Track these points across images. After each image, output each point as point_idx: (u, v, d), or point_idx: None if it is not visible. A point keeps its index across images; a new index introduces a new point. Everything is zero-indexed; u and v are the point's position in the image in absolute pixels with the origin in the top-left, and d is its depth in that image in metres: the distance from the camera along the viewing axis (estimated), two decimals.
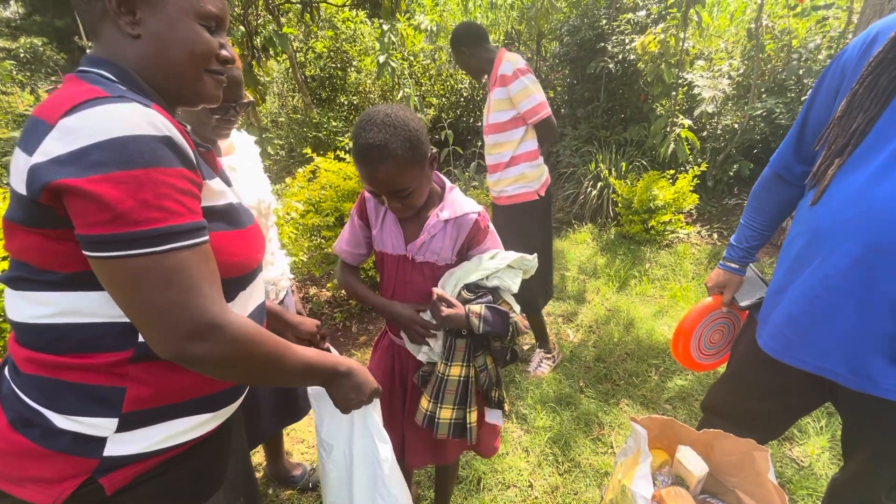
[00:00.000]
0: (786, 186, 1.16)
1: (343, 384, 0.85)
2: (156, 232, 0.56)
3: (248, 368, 0.67)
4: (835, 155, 0.92)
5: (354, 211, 1.20)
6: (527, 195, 2.09)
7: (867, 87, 0.87)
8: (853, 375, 0.94)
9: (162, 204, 0.56)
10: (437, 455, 1.30)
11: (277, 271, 1.37)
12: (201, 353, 0.59)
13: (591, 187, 4.26)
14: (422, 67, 5.89)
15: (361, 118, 0.98)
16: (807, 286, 0.97)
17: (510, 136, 2.04)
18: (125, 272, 0.56)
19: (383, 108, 0.99)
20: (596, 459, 1.83)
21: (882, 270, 0.86)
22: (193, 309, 0.58)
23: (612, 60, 4.35)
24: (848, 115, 0.90)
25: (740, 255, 1.26)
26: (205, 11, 0.67)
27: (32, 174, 0.55)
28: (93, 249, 0.56)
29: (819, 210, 0.95)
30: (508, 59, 1.96)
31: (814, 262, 0.96)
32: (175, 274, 0.57)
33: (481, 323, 1.05)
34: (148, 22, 0.65)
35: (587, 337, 2.68)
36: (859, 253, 0.87)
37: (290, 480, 1.76)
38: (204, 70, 0.70)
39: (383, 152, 0.95)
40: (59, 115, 0.55)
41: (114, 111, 0.56)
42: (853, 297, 0.90)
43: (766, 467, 1.04)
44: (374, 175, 0.98)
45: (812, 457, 1.82)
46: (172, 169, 0.58)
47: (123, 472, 0.66)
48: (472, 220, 1.11)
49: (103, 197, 0.53)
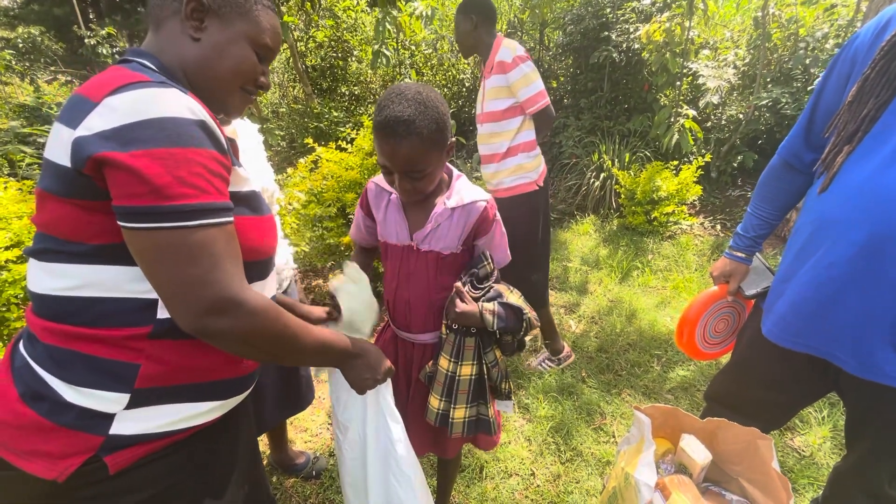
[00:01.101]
0: (794, 174, 1.15)
1: (357, 364, 0.88)
2: (187, 207, 0.59)
3: (266, 344, 0.69)
4: (844, 142, 0.91)
5: (360, 202, 1.21)
6: (526, 186, 2.03)
7: (879, 73, 0.85)
8: (858, 362, 0.94)
9: (195, 182, 0.60)
10: (439, 446, 1.30)
11: (281, 260, 1.36)
12: (222, 327, 0.62)
13: (594, 178, 4.24)
14: (423, 57, 5.83)
15: (391, 90, 0.96)
16: (813, 273, 0.96)
17: (507, 125, 1.98)
18: (155, 244, 0.59)
19: (414, 84, 0.97)
20: (598, 448, 1.84)
21: (889, 258, 0.85)
22: (215, 284, 0.61)
23: (616, 50, 4.30)
24: (859, 101, 0.89)
25: (746, 244, 1.25)
26: (262, 42, 0.78)
27: (77, 146, 0.58)
28: (128, 220, 0.59)
29: (827, 198, 0.94)
30: (507, 45, 1.91)
31: (820, 250, 0.95)
32: (200, 249, 0.60)
33: (495, 319, 1.04)
34: (211, 31, 0.74)
35: (589, 328, 2.68)
36: (866, 240, 0.86)
37: (294, 468, 1.77)
38: (240, 86, 0.78)
39: (409, 128, 0.92)
40: (105, 93, 0.60)
41: (156, 94, 0.60)
42: (859, 284, 0.89)
43: (770, 456, 1.04)
44: (396, 149, 0.95)
45: (814, 446, 1.83)
46: (206, 150, 0.62)
47: (128, 452, 0.67)
48: (480, 209, 1.09)
49: (142, 171, 0.57)
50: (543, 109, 1.95)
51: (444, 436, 1.20)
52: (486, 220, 1.10)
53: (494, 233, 1.14)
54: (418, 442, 1.26)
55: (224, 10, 0.74)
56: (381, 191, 1.15)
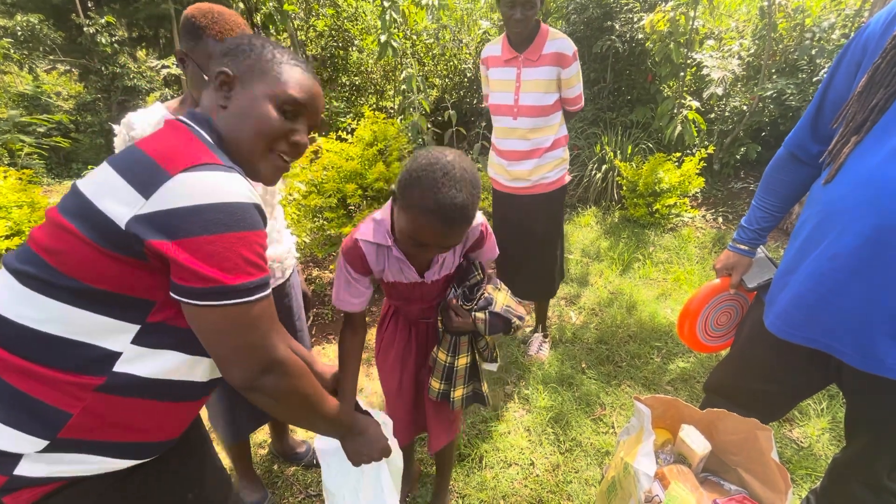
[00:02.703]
0: (800, 166, 1.14)
1: (357, 440, 0.94)
2: (251, 284, 0.66)
3: (296, 402, 0.76)
4: (852, 132, 0.90)
5: (350, 267, 1.07)
6: (564, 178, 2.06)
7: (889, 63, 0.84)
8: (859, 354, 0.94)
9: (255, 260, 0.66)
10: (451, 431, 1.38)
11: (283, 249, 1.36)
12: (270, 384, 0.70)
13: (596, 170, 4.21)
14: (425, 47, 5.78)
15: (434, 169, 0.87)
16: (816, 265, 0.96)
17: (552, 119, 1.92)
18: (223, 318, 0.65)
19: (455, 159, 0.90)
20: (597, 439, 1.85)
21: (892, 251, 0.84)
22: (270, 347, 0.69)
23: (620, 40, 4.25)
24: (868, 91, 0.87)
25: (750, 236, 1.24)
26: (285, 97, 0.76)
27: (147, 223, 0.61)
28: (193, 298, 0.63)
29: (832, 189, 0.93)
30: (562, 36, 1.83)
31: (824, 242, 0.94)
32: (259, 319, 0.67)
33: (486, 327, 1.15)
34: (237, 97, 0.75)
35: (590, 319, 2.68)
36: (872, 231, 0.86)
37: (295, 457, 1.78)
38: (267, 149, 0.77)
39: (464, 213, 0.89)
40: (180, 168, 0.62)
41: (226, 179, 0.65)
42: (862, 276, 0.89)
43: (770, 446, 1.05)
44: (448, 235, 0.92)
45: (812, 438, 1.84)
46: (261, 231, 0.69)
47: (30, 491, 0.66)
48: (477, 234, 1.14)
49: (211, 255, 0.62)
50: (579, 110, 2.03)
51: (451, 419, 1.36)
52: (482, 237, 1.16)
53: (485, 243, 1.19)
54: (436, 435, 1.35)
55: (246, 74, 0.75)
56: (378, 247, 1.06)
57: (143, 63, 7.69)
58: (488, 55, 1.99)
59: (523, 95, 1.88)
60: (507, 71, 1.91)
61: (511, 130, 1.96)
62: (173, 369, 0.71)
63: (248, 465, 1.60)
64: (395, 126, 3.06)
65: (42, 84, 7.10)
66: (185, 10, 1.06)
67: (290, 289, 1.42)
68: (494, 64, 1.96)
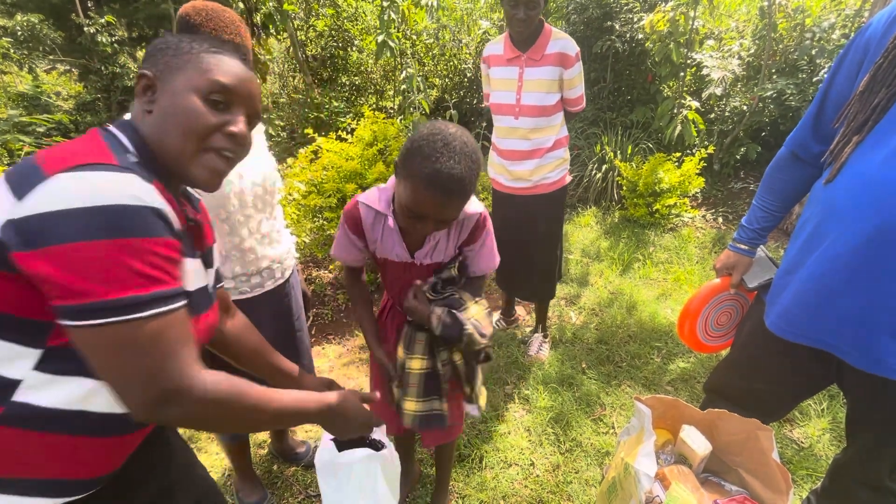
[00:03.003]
0: (801, 166, 1.13)
1: (337, 418, 0.84)
2: (139, 299, 0.56)
3: (230, 421, 0.68)
4: (853, 132, 0.90)
5: (346, 225, 1.13)
6: (565, 178, 2.06)
7: (891, 62, 0.84)
8: (860, 354, 0.94)
9: (149, 272, 0.57)
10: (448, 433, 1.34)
11: (283, 249, 1.35)
12: (174, 415, 0.60)
13: (596, 170, 4.21)
14: (425, 47, 5.77)
15: (435, 140, 0.89)
16: (817, 265, 0.96)
17: (553, 120, 1.93)
18: (105, 339, 0.56)
19: (457, 132, 0.91)
20: (597, 439, 1.85)
21: (893, 250, 0.84)
22: (166, 374, 0.58)
23: (620, 40, 4.25)
24: (870, 91, 0.87)
25: (750, 236, 1.24)
26: (210, 84, 0.67)
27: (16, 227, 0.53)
28: (72, 318, 0.54)
29: (833, 189, 0.93)
30: (564, 37, 1.83)
31: (826, 241, 0.94)
32: (152, 340, 0.57)
33: (439, 325, 1.07)
34: (160, 99, 0.67)
35: (590, 319, 2.68)
36: (872, 232, 0.86)
37: (295, 457, 1.78)
38: (199, 147, 0.68)
39: (461, 185, 0.89)
40: (59, 168, 0.54)
41: (112, 179, 0.56)
42: (863, 276, 0.89)
43: (771, 447, 1.05)
44: (445, 206, 0.91)
45: (813, 438, 1.83)
46: (160, 238, 0.58)
47: None
48: (475, 218, 1.10)
49: (82, 266, 0.53)
50: (580, 111, 2.02)
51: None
52: (480, 228, 1.12)
53: (484, 241, 1.15)
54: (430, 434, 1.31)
55: (165, 72, 0.67)
56: (376, 213, 1.09)
57: None
58: (490, 54, 1.98)
59: (525, 95, 1.88)
60: (510, 70, 1.90)
61: (512, 130, 1.95)
62: (82, 398, 0.63)
63: (248, 465, 1.59)
64: (395, 126, 3.05)
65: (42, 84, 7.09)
66: (180, 8, 1.05)
67: (290, 289, 1.42)
68: (496, 63, 1.95)
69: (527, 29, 1.80)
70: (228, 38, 1.03)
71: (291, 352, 1.46)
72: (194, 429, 0.66)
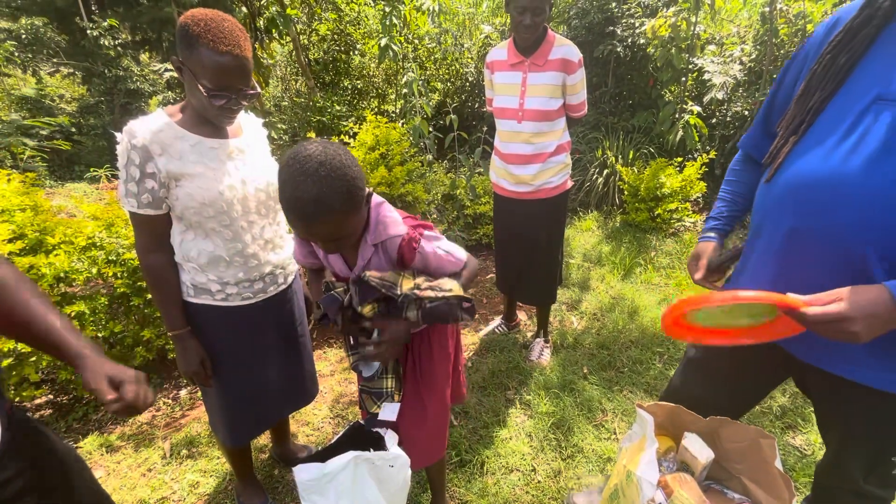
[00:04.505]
0: (754, 166, 1.16)
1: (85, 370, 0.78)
2: None
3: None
4: (790, 133, 0.92)
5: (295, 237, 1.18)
6: (567, 182, 2.08)
7: (825, 67, 0.87)
8: (807, 348, 0.95)
9: None
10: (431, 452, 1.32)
11: (286, 254, 1.36)
12: None
13: (598, 174, 4.22)
14: (427, 51, 5.80)
15: (290, 162, 0.88)
16: (753, 266, 1.00)
17: (556, 125, 1.94)
18: None
19: (315, 152, 0.88)
20: (599, 445, 1.84)
21: (807, 249, 0.86)
22: None
23: (621, 45, 4.27)
24: (806, 94, 0.90)
25: (713, 224, 1.24)
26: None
27: None
28: None
29: (770, 189, 0.95)
30: (568, 43, 1.85)
31: (763, 241, 0.97)
32: None
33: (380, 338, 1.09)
34: None
35: (591, 324, 2.67)
36: (790, 232, 0.88)
37: (296, 462, 1.78)
38: None
39: (319, 206, 0.87)
40: None
41: None
42: (786, 272, 0.90)
43: (773, 455, 1.04)
44: (310, 228, 0.92)
45: (815, 445, 1.83)
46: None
47: None
48: (396, 245, 1.07)
49: None
50: (583, 116, 2.03)
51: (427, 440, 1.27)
52: (409, 249, 1.08)
53: (426, 259, 1.11)
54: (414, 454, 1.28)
55: None
56: None
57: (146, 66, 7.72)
58: (493, 59, 2.00)
59: (528, 99, 1.90)
60: (513, 75, 1.92)
61: (515, 134, 1.97)
62: None
63: (249, 470, 1.59)
64: (396, 130, 3.06)
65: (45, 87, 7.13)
66: (181, 16, 1.04)
67: (293, 294, 1.42)
68: (500, 68, 1.97)
69: (533, 35, 1.82)
70: (226, 51, 1.01)
71: (294, 357, 1.46)
72: None
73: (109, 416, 2.04)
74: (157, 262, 1.17)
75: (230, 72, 1.03)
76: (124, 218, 2.07)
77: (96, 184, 5.69)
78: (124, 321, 2.05)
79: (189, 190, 1.10)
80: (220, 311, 1.24)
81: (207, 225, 1.15)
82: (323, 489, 1.04)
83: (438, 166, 4.43)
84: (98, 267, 1.91)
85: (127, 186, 1.09)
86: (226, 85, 1.04)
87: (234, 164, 1.18)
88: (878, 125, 0.77)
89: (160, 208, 1.12)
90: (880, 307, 0.74)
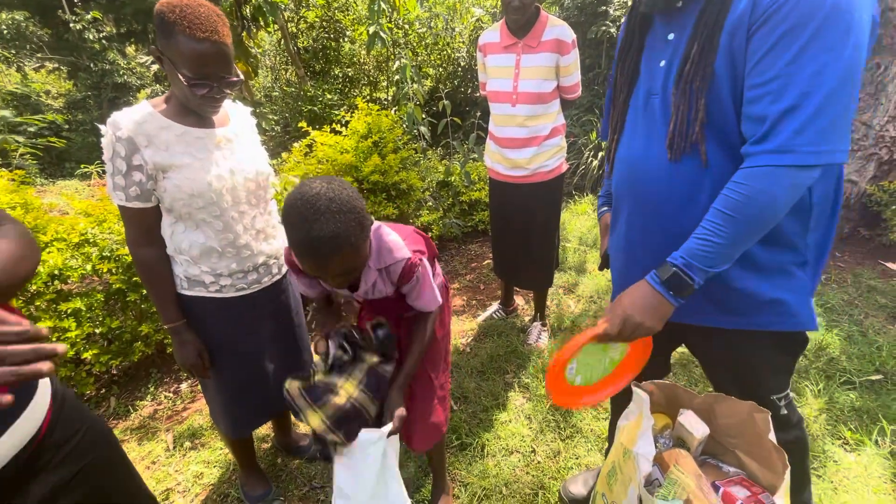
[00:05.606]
0: None
1: None
2: None
3: None
4: (614, 132, 1.07)
5: (293, 272, 1.17)
6: (563, 166, 2.06)
7: (619, 72, 1.04)
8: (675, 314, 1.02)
9: None
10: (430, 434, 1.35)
11: (278, 244, 1.35)
12: None
13: (592, 157, 4.20)
14: (417, 36, 5.71)
15: (301, 204, 0.86)
16: (613, 248, 1.15)
17: (550, 107, 1.92)
18: None
19: (321, 189, 0.88)
20: (597, 425, 1.87)
21: (640, 219, 1.01)
22: None
23: (615, 25, 4.21)
24: (616, 96, 1.06)
25: (605, 200, 1.29)
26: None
27: None
28: None
29: (613, 178, 1.10)
30: (561, 23, 1.82)
31: (614, 226, 1.13)
32: None
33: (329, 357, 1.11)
34: None
35: (588, 307, 2.69)
36: (627, 212, 1.04)
37: (298, 451, 1.80)
38: None
39: (337, 242, 0.87)
40: None
41: None
42: (628, 255, 1.07)
43: (767, 429, 1.06)
44: (328, 266, 0.90)
45: (809, 418, 1.86)
46: None
47: None
48: (400, 268, 1.09)
49: None
50: (577, 98, 2.01)
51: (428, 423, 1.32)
52: (408, 271, 1.10)
53: (418, 284, 1.13)
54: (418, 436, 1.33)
55: None
56: None
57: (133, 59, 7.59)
58: (486, 42, 1.97)
59: (522, 82, 1.87)
60: (506, 57, 1.89)
61: (510, 118, 1.94)
62: None
63: (252, 459, 1.61)
64: (389, 117, 3.03)
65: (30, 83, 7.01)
66: (157, 4, 1.00)
67: (287, 284, 1.42)
68: (492, 51, 1.94)
69: (523, 16, 1.79)
70: (203, 37, 0.98)
71: (292, 347, 1.46)
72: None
73: (111, 411, 2.05)
74: (148, 255, 1.16)
75: (209, 58, 1.01)
76: (116, 214, 2.05)
77: (87, 180, 5.64)
78: (121, 317, 2.05)
79: (177, 181, 1.09)
80: (215, 302, 1.24)
81: (197, 216, 1.14)
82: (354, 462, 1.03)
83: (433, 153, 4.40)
84: (92, 263, 1.90)
85: (114, 180, 1.07)
86: (206, 73, 1.03)
87: (222, 154, 1.16)
88: (650, 112, 0.95)
89: (149, 201, 1.11)
90: (648, 297, 0.89)
